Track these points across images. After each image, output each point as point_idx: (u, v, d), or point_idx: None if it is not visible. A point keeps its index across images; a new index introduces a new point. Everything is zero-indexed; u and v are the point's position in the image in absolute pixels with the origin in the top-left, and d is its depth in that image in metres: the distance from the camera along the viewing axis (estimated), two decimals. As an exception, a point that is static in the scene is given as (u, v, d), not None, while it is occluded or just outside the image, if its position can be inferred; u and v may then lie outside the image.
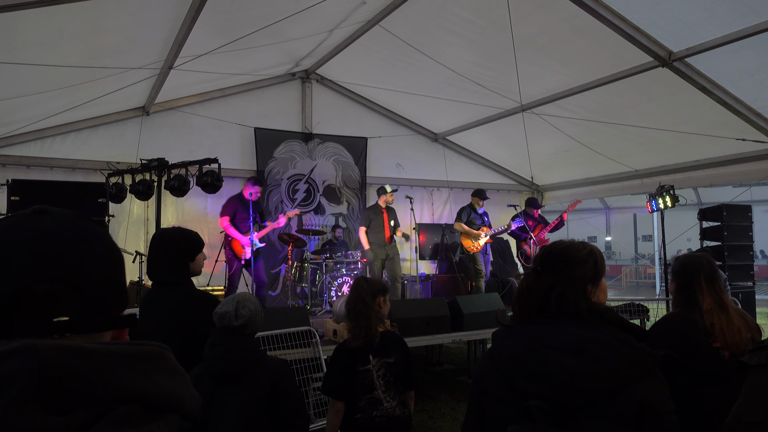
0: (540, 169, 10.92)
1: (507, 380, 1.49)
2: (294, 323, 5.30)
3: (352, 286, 3.20)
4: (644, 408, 1.33)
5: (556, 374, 1.38)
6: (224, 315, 2.50)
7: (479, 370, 1.65)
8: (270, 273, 9.12)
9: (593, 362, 1.36)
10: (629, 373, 1.35)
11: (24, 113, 6.85)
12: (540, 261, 1.62)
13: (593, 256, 1.60)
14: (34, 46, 5.21)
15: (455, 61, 7.67)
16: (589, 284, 1.56)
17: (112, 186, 6.51)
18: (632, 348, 1.39)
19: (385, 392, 2.98)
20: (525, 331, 1.53)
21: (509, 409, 1.47)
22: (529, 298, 1.58)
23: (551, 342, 1.44)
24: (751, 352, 1.74)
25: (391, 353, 3.04)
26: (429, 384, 6.84)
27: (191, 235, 2.89)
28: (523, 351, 1.48)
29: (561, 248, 1.61)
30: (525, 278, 1.64)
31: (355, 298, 3.07)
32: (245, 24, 6.32)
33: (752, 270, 8.22)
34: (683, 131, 7.45)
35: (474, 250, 8.43)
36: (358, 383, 2.95)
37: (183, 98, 8.67)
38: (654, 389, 1.36)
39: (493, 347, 1.63)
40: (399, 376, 3.04)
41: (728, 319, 2.49)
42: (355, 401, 2.95)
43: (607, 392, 1.34)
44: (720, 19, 5.37)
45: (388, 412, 2.95)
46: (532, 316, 1.56)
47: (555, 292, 1.52)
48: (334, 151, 9.94)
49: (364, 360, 2.97)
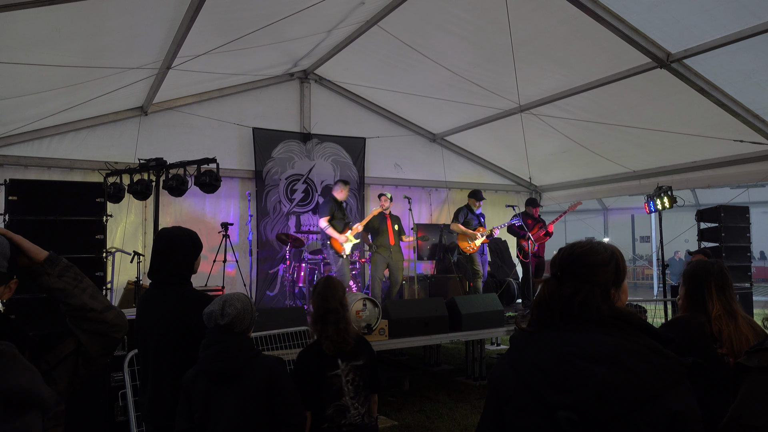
0: (538, 170, 10.92)
1: (530, 389, 1.44)
2: (292, 323, 5.31)
3: (323, 285, 3.04)
4: (675, 418, 1.31)
5: (588, 385, 1.34)
6: (211, 314, 2.50)
7: (497, 377, 1.58)
8: (268, 273, 9.13)
9: (627, 372, 1.33)
10: (662, 382, 1.33)
11: (22, 113, 6.84)
12: (559, 265, 1.56)
13: (615, 258, 1.55)
14: (33, 45, 5.20)
15: (454, 62, 7.68)
16: (612, 288, 1.51)
17: (110, 186, 6.50)
18: (663, 357, 1.37)
19: (354, 398, 2.87)
20: (549, 338, 1.48)
21: (533, 419, 1.43)
22: (551, 305, 1.52)
23: (581, 351, 1.39)
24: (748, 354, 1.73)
25: (359, 356, 2.95)
26: (427, 385, 6.84)
27: (195, 234, 2.90)
28: (548, 359, 1.43)
29: (581, 251, 1.55)
30: (546, 284, 1.57)
31: (330, 298, 2.95)
32: (243, 24, 6.32)
33: (750, 271, 8.24)
34: (681, 132, 7.46)
35: (470, 250, 8.45)
36: (326, 390, 2.83)
37: (181, 98, 8.67)
38: (684, 398, 1.34)
39: (513, 353, 1.57)
40: (367, 380, 2.96)
41: (736, 327, 2.49)
42: (323, 410, 2.83)
43: (641, 403, 1.31)
44: (718, 21, 5.38)
45: (356, 420, 2.86)
46: (553, 323, 1.50)
47: (578, 299, 1.47)
48: (332, 152, 9.94)
49: (332, 365, 2.87)
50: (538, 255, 9.04)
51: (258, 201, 9.17)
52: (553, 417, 1.37)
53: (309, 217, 9.66)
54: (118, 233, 7.81)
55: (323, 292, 3.00)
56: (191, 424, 2.46)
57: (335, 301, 2.97)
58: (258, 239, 9.07)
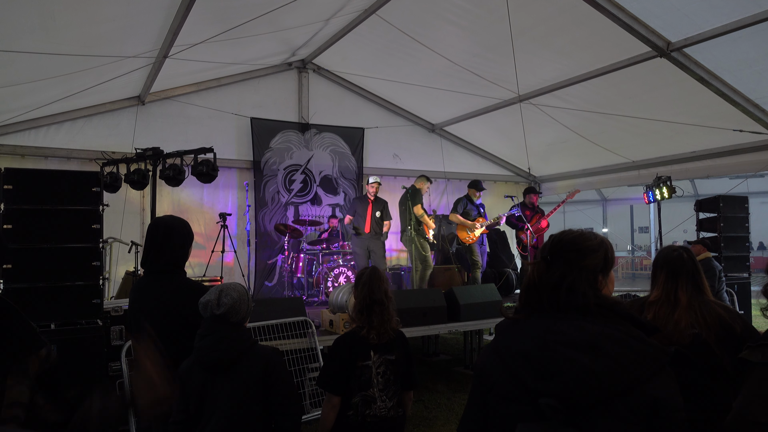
0: (537, 160, 10.88)
1: (515, 376, 1.45)
2: (290, 313, 5.30)
3: (369, 276, 3.01)
4: (657, 406, 1.31)
5: (570, 372, 1.35)
6: (207, 303, 2.49)
7: (482, 364, 1.60)
8: (267, 263, 9.12)
9: (609, 360, 1.33)
10: (644, 370, 1.33)
11: (18, 102, 6.80)
12: (550, 250, 1.58)
13: (604, 246, 1.57)
14: (28, 33, 5.15)
15: (453, 51, 7.63)
16: (599, 274, 1.53)
17: (106, 175, 6.47)
18: (645, 345, 1.37)
19: (382, 391, 2.88)
20: (533, 325, 1.49)
21: (516, 406, 1.44)
22: (539, 289, 1.54)
23: (564, 338, 1.40)
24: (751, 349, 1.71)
25: (393, 350, 2.95)
26: (425, 375, 6.86)
27: (188, 223, 2.88)
28: (533, 347, 1.44)
29: (571, 237, 1.57)
30: (535, 268, 1.59)
31: (376, 289, 2.93)
32: (241, 12, 6.26)
33: (748, 261, 8.23)
34: (681, 122, 7.43)
35: (469, 241, 8.43)
36: (355, 379, 2.85)
37: (178, 87, 8.62)
38: (666, 386, 1.34)
39: (498, 340, 1.58)
40: (399, 375, 2.95)
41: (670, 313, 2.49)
42: (350, 397, 2.85)
43: (622, 390, 1.32)
44: (719, 9, 5.34)
45: (382, 412, 2.86)
46: (541, 308, 1.52)
47: (565, 283, 1.49)
48: (330, 142, 9.90)
49: (364, 355, 2.88)
50: (537, 246, 9.03)
51: (256, 191, 9.14)
52: (536, 404, 1.37)
53: (308, 208, 9.64)
54: (114, 223, 7.78)
55: (369, 283, 2.98)
56: (187, 415, 2.45)
57: (380, 291, 2.95)
58: (256, 230, 9.05)
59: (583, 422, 1.33)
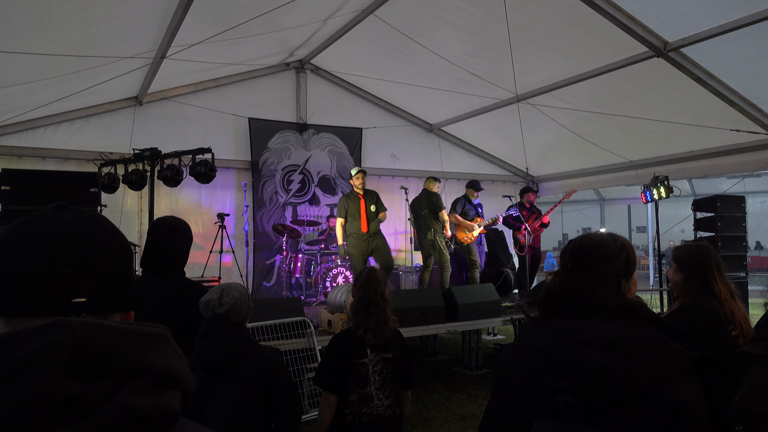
0: (535, 160, 10.90)
1: (534, 374, 1.45)
2: (288, 314, 5.30)
3: (366, 277, 3.01)
4: (678, 409, 1.29)
5: (588, 370, 1.34)
6: (208, 303, 2.49)
7: (503, 362, 1.60)
8: (265, 263, 9.12)
9: (628, 360, 1.32)
10: (664, 373, 1.32)
11: (15, 103, 6.78)
12: (570, 258, 1.56)
13: (625, 250, 1.55)
14: (24, 33, 5.13)
15: (450, 51, 7.63)
16: (622, 279, 1.52)
17: (104, 176, 6.46)
18: (668, 347, 1.36)
19: (379, 389, 2.87)
20: (554, 324, 1.49)
21: (535, 403, 1.44)
22: (561, 297, 1.52)
23: (583, 337, 1.39)
24: (753, 342, 1.72)
25: (390, 349, 2.95)
26: (423, 374, 6.85)
27: (188, 225, 2.88)
28: (552, 345, 1.43)
29: (592, 244, 1.55)
30: (556, 276, 1.57)
31: (372, 291, 2.93)
32: (238, 13, 6.26)
33: (745, 261, 8.26)
34: (678, 122, 7.45)
35: (467, 241, 8.43)
36: (351, 377, 2.85)
37: (176, 88, 8.61)
38: (688, 391, 1.32)
39: (520, 339, 1.59)
40: (396, 373, 2.95)
41: (741, 309, 2.49)
42: (347, 395, 2.85)
43: (641, 391, 1.30)
44: (716, 9, 5.35)
45: (379, 410, 2.85)
46: (561, 312, 1.51)
47: (587, 290, 1.48)
48: (328, 142, 9.90)
49: (361, 353, 2.88)
50: (534, 246, 9.04)
51: (254, 191, 9.14)
52: (553, 401, 1.36)
53: (306, 208, 9.64)
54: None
55: (366, 284, 2.97)
56: (186, 414, 2.45)
57: (377, 294, 2.95)
58: (254, 230, 9.05)
59: (600, 422, 1.32)
